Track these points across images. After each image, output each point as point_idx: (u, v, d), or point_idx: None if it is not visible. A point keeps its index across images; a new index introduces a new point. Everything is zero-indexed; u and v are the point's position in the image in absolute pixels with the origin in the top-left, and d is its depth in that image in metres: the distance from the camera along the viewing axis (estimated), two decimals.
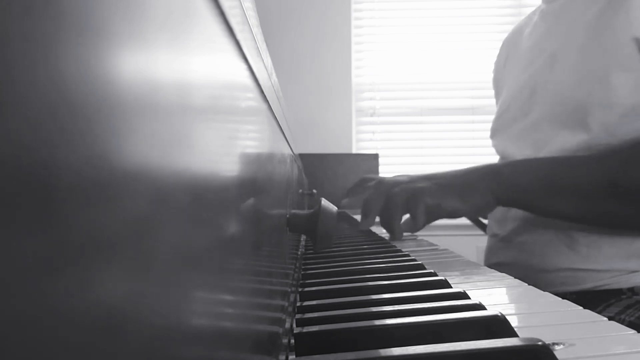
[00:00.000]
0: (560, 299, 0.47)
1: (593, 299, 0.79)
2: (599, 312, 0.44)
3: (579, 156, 0.81)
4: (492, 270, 0.65)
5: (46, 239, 0.08)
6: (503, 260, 0.93)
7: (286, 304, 0.41)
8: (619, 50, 0.80)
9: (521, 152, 0.93)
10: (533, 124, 0.91)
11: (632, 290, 0.79)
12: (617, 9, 0.81)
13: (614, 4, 0.82)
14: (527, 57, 0.99)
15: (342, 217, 1.12)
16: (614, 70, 0.80)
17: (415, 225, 0.87)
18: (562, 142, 0.85)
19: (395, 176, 0.96)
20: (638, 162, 0.76)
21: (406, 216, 0.90)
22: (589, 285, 0.82)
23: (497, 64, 1.16)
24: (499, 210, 0.92)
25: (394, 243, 0.86)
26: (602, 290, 0.80)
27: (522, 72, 0.98)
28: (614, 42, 0.81)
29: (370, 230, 1.05)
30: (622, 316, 0.74)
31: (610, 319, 0.39)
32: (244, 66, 0.27)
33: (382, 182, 0.90)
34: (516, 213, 0.91)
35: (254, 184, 0.30)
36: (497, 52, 1.18)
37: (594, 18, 0.85)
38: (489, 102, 2.43)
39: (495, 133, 1.05)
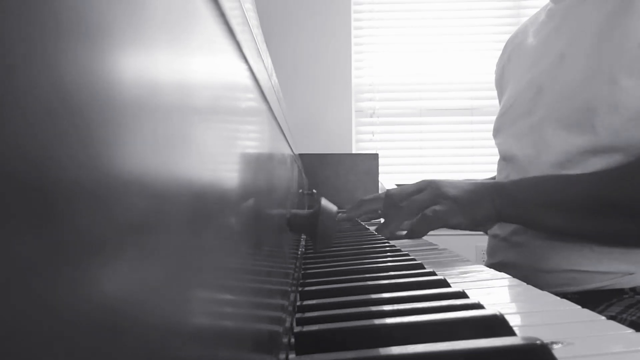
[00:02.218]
0: (559, 298, 0.47)
1: (595, 299, 0.79)
2: (601, 312, 0.44)
3: (577, 174, 0.82)
4: (491, 269, 0.65)
5: (46, 240, 0.08)
6: (504, 260, 0.93)
7: (286, 303, 0.41)
8: (628, 53, 0.79)
9: (524, 150, 0.92)
10: (537, 122, 0.91)
11: (634, 290, 0.79)
12: (626, 11, 0.81)
13: (625, 6, 0.81)
14: (532, 56, 0.98)
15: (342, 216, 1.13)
16: (623, 73, 0.79)
17: (411, 237, 0.89)
18: (565, 142, 0.85)
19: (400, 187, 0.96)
20: (626, 180, 0.77)
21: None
22: (591, 285, 0.82)
23: (499, 63, 1.16)
24: None
25: (393, 242, 0.86)
26: (604, 290, 0.80)
27: (528, 71, 0.98)
28: (623, 44, 0.80)
29: (369, 229, 1.05)
30: (624, 315, 0.74)
31: (611, 318, 0.39)
32: (244, 67, 0.28)
33: (392, 194, 0.90)
34: None
35: (255, 184, 0.30)
36: (496, 53, 1.18)
37: (604, 19, 0.84)
38: (488, 103, 2.44)
39: (498, 131, 1.04)
